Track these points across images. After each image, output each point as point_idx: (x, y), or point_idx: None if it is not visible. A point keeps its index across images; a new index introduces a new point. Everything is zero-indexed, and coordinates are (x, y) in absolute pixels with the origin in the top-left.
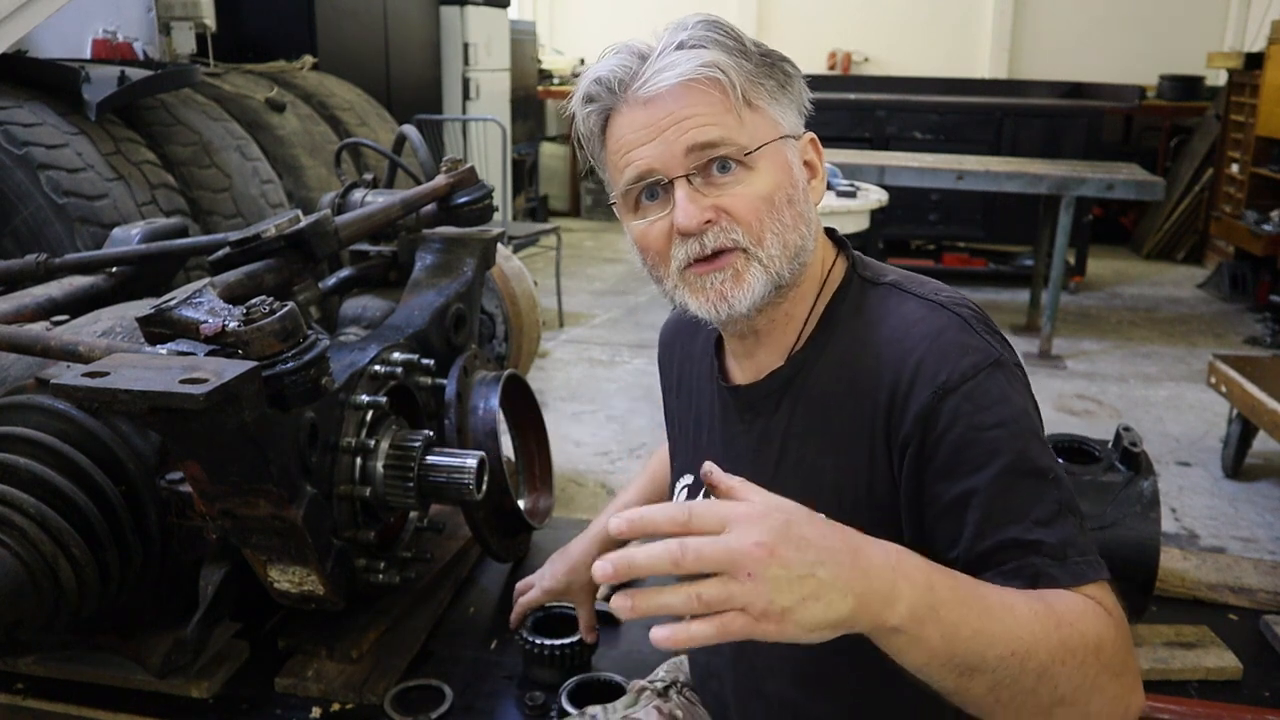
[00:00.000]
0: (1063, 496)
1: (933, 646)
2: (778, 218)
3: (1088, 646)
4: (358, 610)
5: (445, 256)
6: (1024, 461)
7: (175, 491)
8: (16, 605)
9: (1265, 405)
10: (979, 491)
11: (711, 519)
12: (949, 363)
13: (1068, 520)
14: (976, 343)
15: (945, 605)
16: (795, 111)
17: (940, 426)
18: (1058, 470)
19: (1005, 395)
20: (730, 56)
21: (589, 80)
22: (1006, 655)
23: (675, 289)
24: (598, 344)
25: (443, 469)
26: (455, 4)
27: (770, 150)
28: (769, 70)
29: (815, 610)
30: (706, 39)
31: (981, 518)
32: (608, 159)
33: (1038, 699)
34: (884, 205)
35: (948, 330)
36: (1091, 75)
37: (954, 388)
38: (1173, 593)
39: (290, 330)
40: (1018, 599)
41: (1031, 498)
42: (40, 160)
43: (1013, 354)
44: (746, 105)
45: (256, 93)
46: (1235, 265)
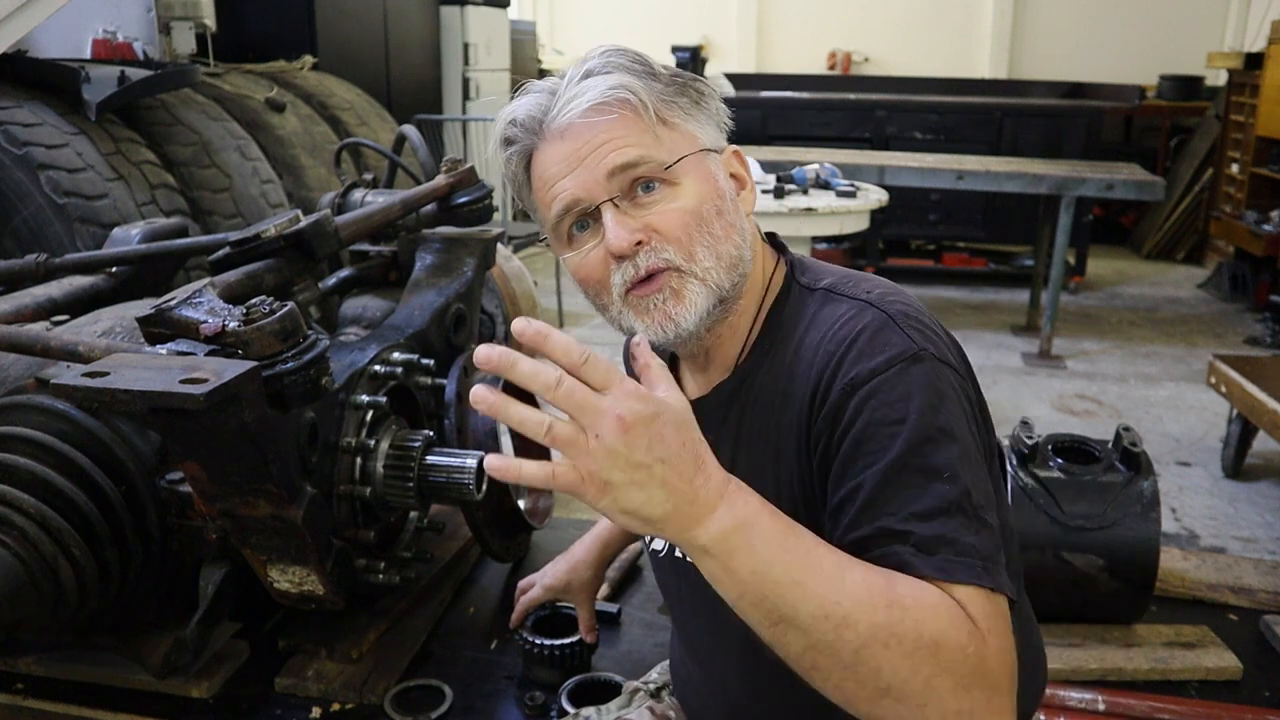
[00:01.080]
0: (955, 496)
1: (742, 579)
2: (707, 230)
3: (920, 639)
4: (358, 610)
5: (445, 256)
6: (917, 457)
7: (175, 491)
8: (16, 605)
9: (1265, 405)
10: (865, 484)
11: (600, 375)
12: (862, 359)
13: (954, 519)
14: (895, 339)
15: (764, 543)
16: (714, 127)
17: (844, 422)
18: (959, 471)
19: (913, 391)
20: (638, 79)
21: (504, 123)
22: (820, 616)
23: (621, 314)
24: (598, 344)
25: (443, 469)
26: (455, 4)
27: (691, 163)
28: (680, 89)
29: (635, 497)
30: (612, 64)
31: (860, 507)
32: (535, 198)
33: (859, 678)
34: (884, 205)
35: (869, 328)
36: (1091, 75)
37: (861, 383)
38: (1173, 593)
39: (290, 330)
40: (856, 569)
41: (916, 492)
42: (40, 160)
43: (942, 349)
44: (661, 123)
45: (256, 93)
46: (1235, 265)
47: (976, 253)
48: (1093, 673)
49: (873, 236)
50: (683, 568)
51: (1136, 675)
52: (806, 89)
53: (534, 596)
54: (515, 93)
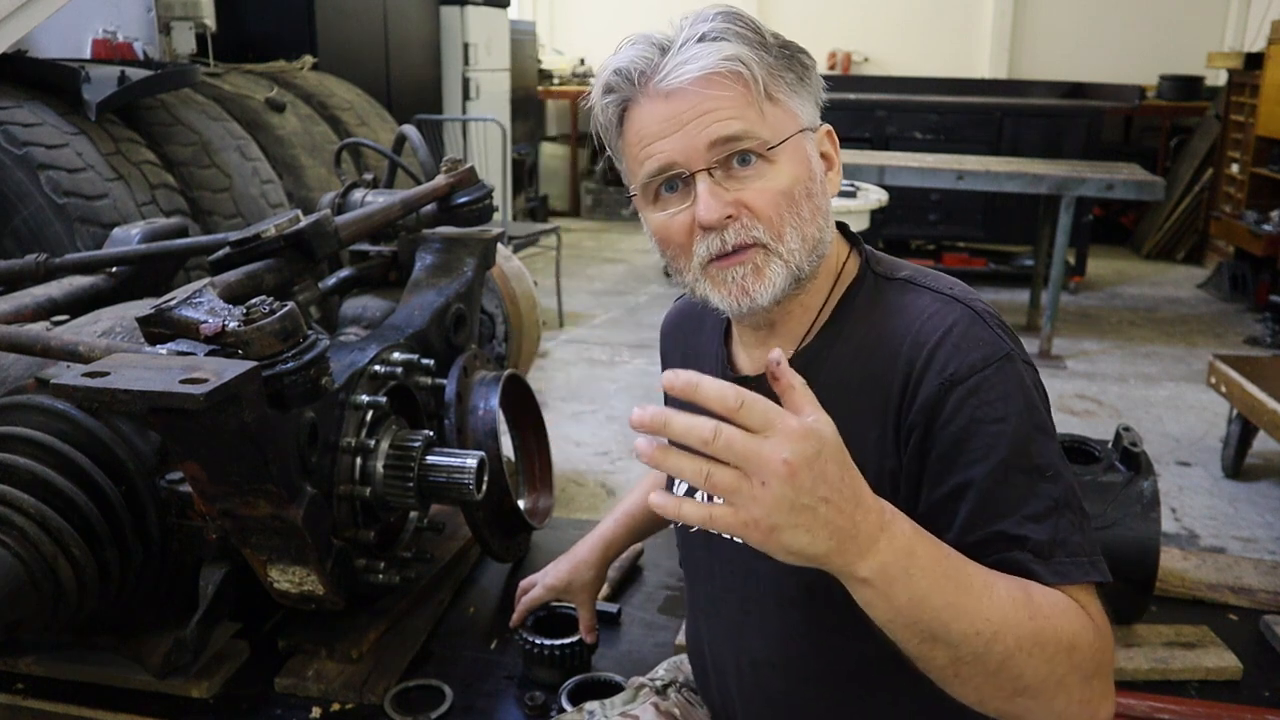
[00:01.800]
0: (1060, 494)
1: (898, 606)
2: (797, 212)
3: (1060, 643)
4: (358, 610)
5: (445, 256)
6: (1022, 457)
7: (175, 491)
8: (16, 605)
9: (1265, 405)
10: (974, 484)
11: (758, 417)
12: (959, 355)
13: (1063, 518)
14: (988, 336)
15: (921, 571)
16: (813, 103)
17: (944, 417)
18: (1060, 467)
19: (1011, 390)
20: (751, 49)
21: (608, 71)
22: (972, 633)
23: (696, 281)
24: (598, 344)
25: (443, 469)
26: (455, 4)
27: (790, 144)
28: (788, 62)
29: (800, 538)
30: (728, 31)
31: (973, 510)
32: (625, 150)
33: (999, 683)
34: (884, 205)
35: (960, 323)
36: (1091, 75)
37: (961, 379)
38: (1173, 593)
39: (290, 330)
40: (999, 582)
41: (1025, 493)
42: (40, 160)
43: (1023, 349)
44: (767, 99)
45: (256, 93)
46: (1235, 265)
47: (976, 253)
48: None
49: (873, 236)
50: (717, 546)
51: (1136, 675)
52: None
53: (536, 596)
54: (622, 43)
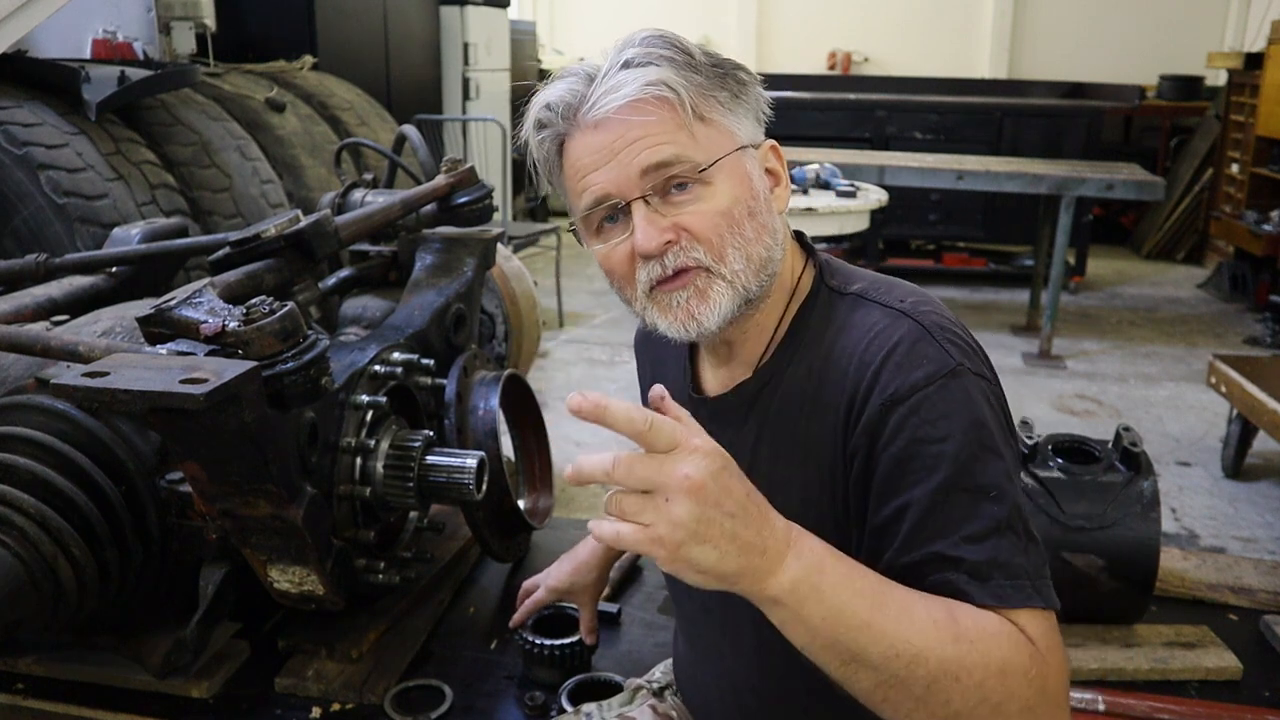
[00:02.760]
0: (1003, 515)
1: (813, 626)
2: (739, 232)
3: (989, 668)
4: (358, 610)
5: (445, 256)
6: (964, 477)
7: (175, 491)
8: (16, 605)
9: (1265, 405)
10: (913, 504)
11: (665, 438)
12: (900, 373)
13: (1004, 539)
14: (933, 352)
15: (832, 589)
16: (753, 120)
17: (885, 438)
18: (1006, 488)
19: (954, 409)
20: (678, 72)
21: (539, 107)
22: (891, 655)
23: (645, 309)
24: (598, 344)
25: (443, 469)
26: (455, 4)
27: (727, 164)
28: (720, 81)
29: (708, 555)
30: (652, 55)
31: (910, 530)
32: (566, 183)
33: (929, 708)
34: (884, 205)
35: (905, 340)
36: (1091, 75)
37: (902, 399)
38: (1173, 593)
39: (290, 330)
40: (920, 605)
41: (965, 514)
42: (40, 160)
43: (977, 362)
44: (699, 120)
45: (256, 93)
46: (1235, 265)
47: (976, 253)
48: (1093, 673)
49: (873, 236)
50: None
51: (1136, 675)
52: (806, 89)
53: (538, 599)
54: (551, 77)
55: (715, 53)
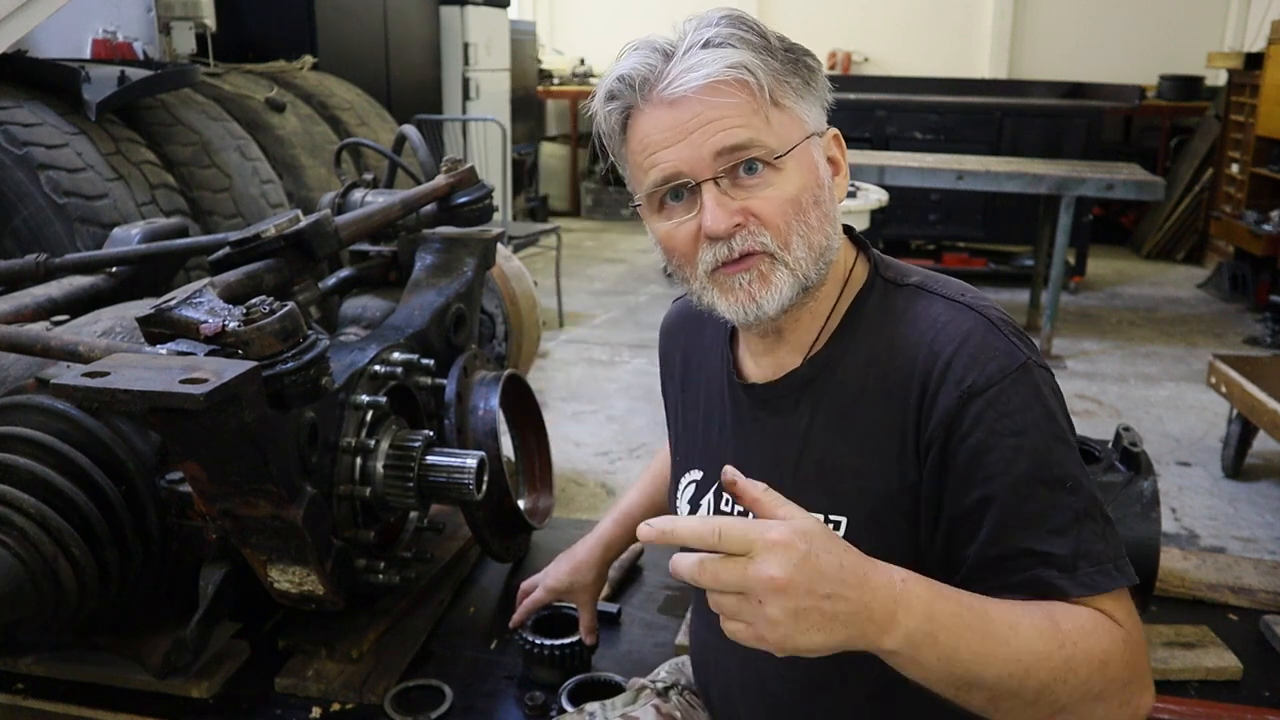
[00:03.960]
0: (1080, 504)
1: (929, 667)
2: (804, 220)
3: (1092, 664)
4: (358, 610)
5: (445, 256)
6: (1043, 469)
7: (175, 491)
8: (16, 605)
9: (1265, 405)
10: (995, 498)
11: (738, 541)
12: (976, 366)
13: (1085, 528)
14: (1003, 345)
15: (944, 631)
16: (819, 107)
17: (963, 429)
18: (1079, 476)
19: (1029, 401)
20: (757, 55)
21: (612, 78)
22: (1005, 675)
23: (703, 290)
24: (598, 344)
25: (443, 469)
26: (455, 4)
27: (797, 151)
28: (794, 67)
29: (815, 637)
30: (733, 36)
31: (996, 524)
32: (629, 158)
33: (1038, 709)
34: (884, 205)
35: (975, 332)
36: (1091, 75)
37: (980, 391)
38: (1173, 593)
39: (290, 330)
40: (1023, 618)
41: (1047, 506)
42: (40, 160)
43: (1037, 354)
44: (774, 105)
45: (256, 93)
46: (1235, 265)
47: (976, 253)
48: None
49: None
50: None
51: None
52: None
53: (537, 598)
54: (625, 48)
55: (785, 37)
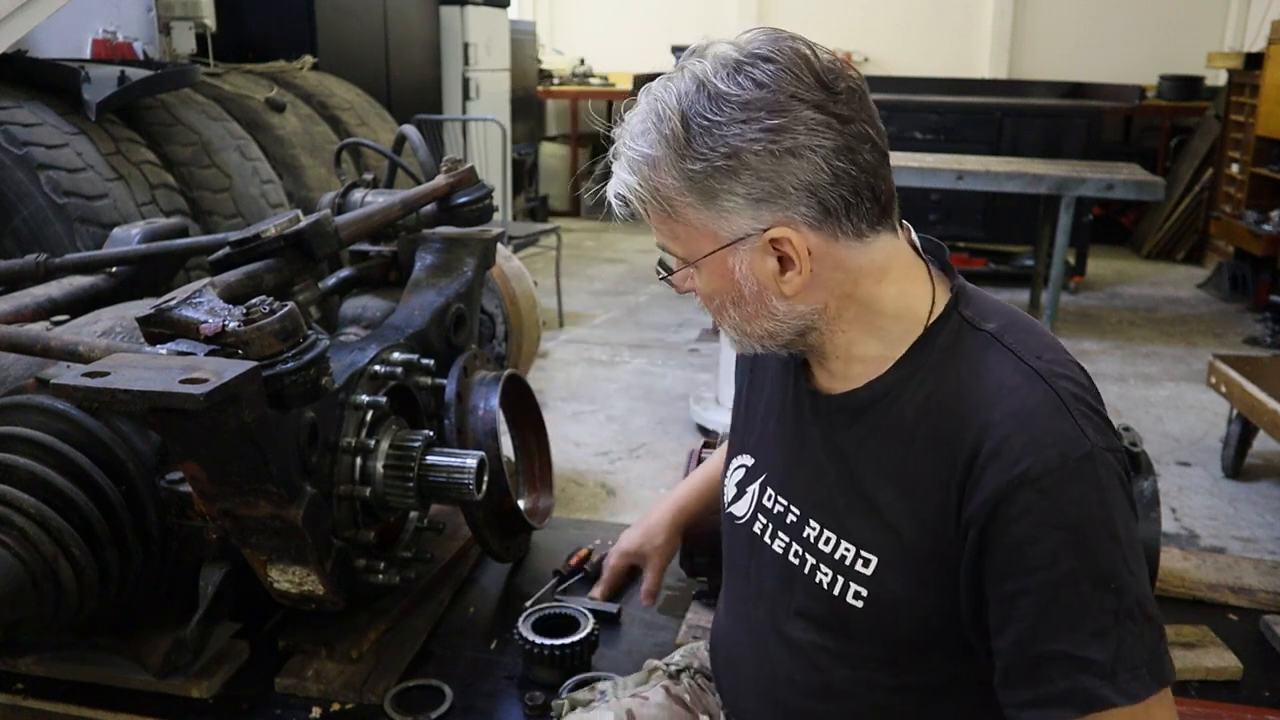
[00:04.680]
0: (1122, 605)
1: None
2: (725, 316)
3: None
4: (358, 610)
5: (445, 256)
6: (1088, 568)
7: (175, 491)
8: (16, 605)
9: (1265, 405)
10: (1032, 592)
11: None
12: (1033, 451)
13: (1124, 630)
14: (1068, 430)
15: None
16: (753, 203)
17: (1009, 515)
18: (1124, 575)
19: (1084, 494)
20: (650, 171)
21: None
22: None
23: None
24: (598, 344)
25: (443, 469)
26: (455, 4)
27: (709, 260)
28: (708, 171)
29: None
30: (635, 151)
31: (1033, 620)
32: None
33: None
34: None
35: (1040, 410)
36: (1091, 75)
37: (1032, 480)
38: (1173, 593)
39: (290, 330)
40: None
41: (1088, 606)
42: (40, 160)
43: (1108, 435)
44: (675, 218)
45: (256, 93)
46: (1235, 265)
47: (976, 253)
48: None
49: None
50: (759, 547)
51: None
52: None
53: (611, 564)
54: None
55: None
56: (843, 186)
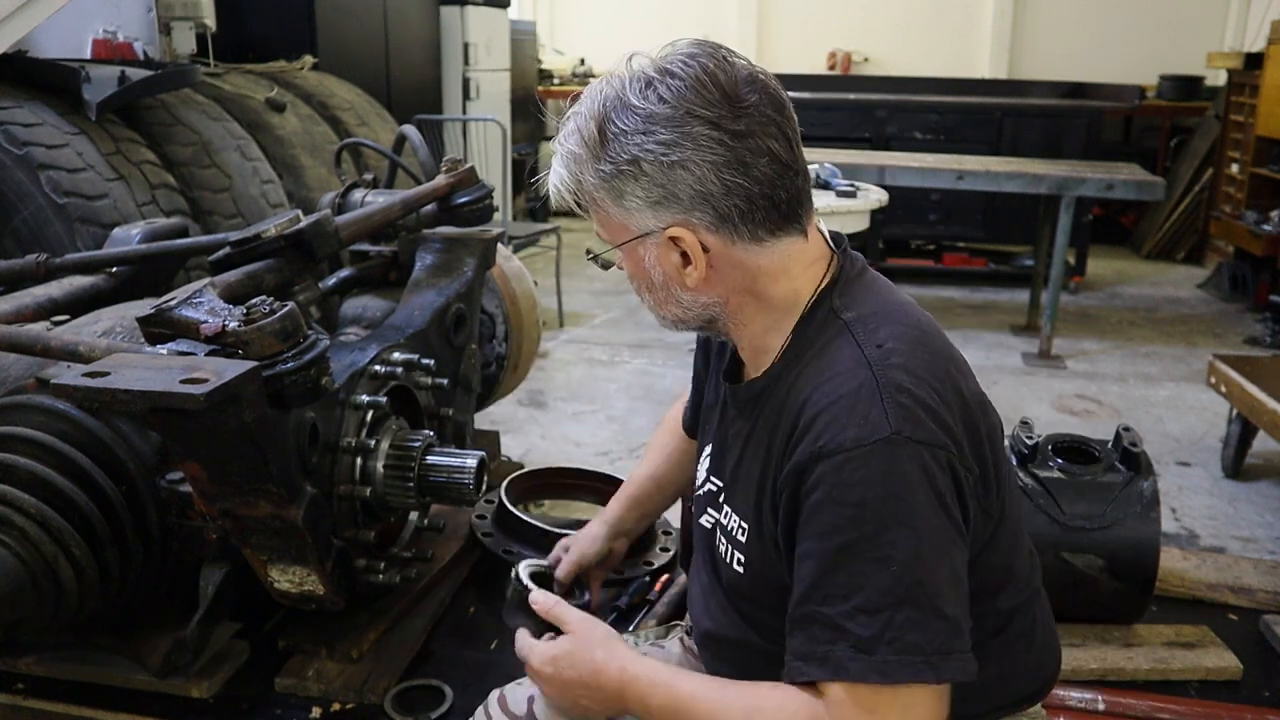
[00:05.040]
0: (901, 590)
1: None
2: (643, 297)
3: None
4: (358, 610)
5: (445, 256)
6: (865, 546)
7: (175, 491)
8: (17, 605)
9: (1265, 405)
10: (814, 557)
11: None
12: (833, 429)
13: (902, 612)
14: (873, 415)
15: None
16: (652, 203)
17: (806, 486)
18: (912, 563)
19: (874, 477)
20: (572, 172)
21: None
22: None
23: None
24: (598, 344)
25: (443, 469)
26: (455, 4)
27: (625, 248)
28: (615, 173)
29: (588, 712)
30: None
31: (810, 583)
32: None
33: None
34: (884, 205)
35: (852, 394)
36: (1091, 75)
37: (827, 455)
38: (1173, 593)
39: (290, 330)
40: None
41: (859, 582)
42: (40, 160)
43: (927, 429)
44: (598, 209)
45: (256, 93)
46: (1235, 265)
47: (976, 253)
48: (1093, 673)
49: (873, 236)
50: (702, 531)
51: (1136, 675)
52: (806, 89)
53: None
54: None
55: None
56: (735, 197)
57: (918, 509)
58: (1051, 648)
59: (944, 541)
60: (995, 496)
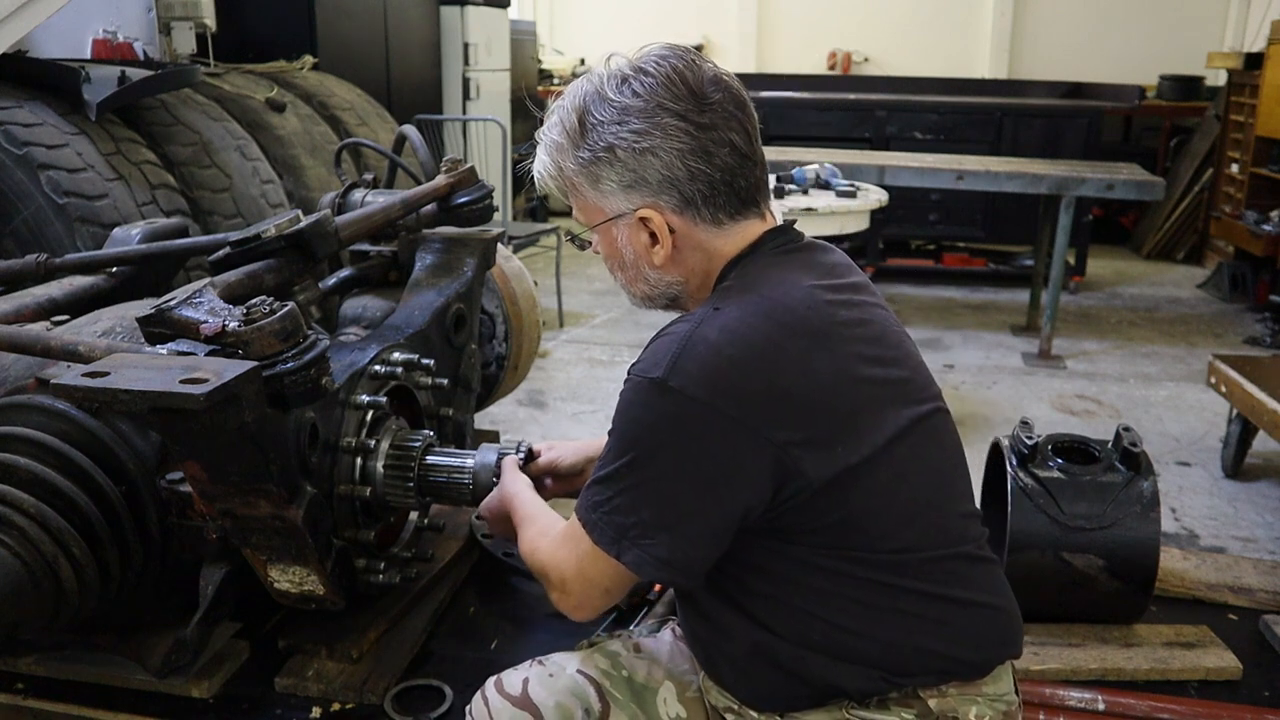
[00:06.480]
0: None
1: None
2: (616, 275)
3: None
4: (358, 610)
5: (445, 256)
6: (620, 445)
7: (175, 491)
8: (16, 605)
9: (1265, 405)
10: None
11: None
12: (642, 359)
13: (624, 498)
14: (661, 358)
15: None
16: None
17: None
18: (645, 469)
19: (629, 404)
20: (554, 159)
21: None
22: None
23: None
24: (598, 344)
25: (443, 469)
26: (455, 4)
27: (600, 229)
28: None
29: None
30: (545, 137)
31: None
32: None
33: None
34: (884, 205)
35: (668, 339)
36: (1091, 75)
37: (628, 376)
38: (1173, 593)
39: (290, 330)
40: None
41: (610, 470)
42: (40, 160)
43: (694, 384)
44: (577, 193)
45: (256, 93)
46: (1235, 265)
47: (976, 253)
48: (1093, 673)
49: (873, 236)
50: None
51: (1136, 675)
52: (806, 89)
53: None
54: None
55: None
56: (699, 182)
57: (670, 441)
58: (995, 622)
59: (670, 476)
60: (836, 461)
